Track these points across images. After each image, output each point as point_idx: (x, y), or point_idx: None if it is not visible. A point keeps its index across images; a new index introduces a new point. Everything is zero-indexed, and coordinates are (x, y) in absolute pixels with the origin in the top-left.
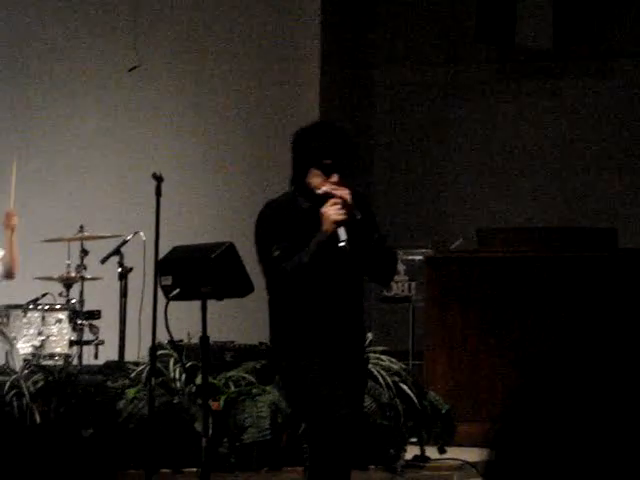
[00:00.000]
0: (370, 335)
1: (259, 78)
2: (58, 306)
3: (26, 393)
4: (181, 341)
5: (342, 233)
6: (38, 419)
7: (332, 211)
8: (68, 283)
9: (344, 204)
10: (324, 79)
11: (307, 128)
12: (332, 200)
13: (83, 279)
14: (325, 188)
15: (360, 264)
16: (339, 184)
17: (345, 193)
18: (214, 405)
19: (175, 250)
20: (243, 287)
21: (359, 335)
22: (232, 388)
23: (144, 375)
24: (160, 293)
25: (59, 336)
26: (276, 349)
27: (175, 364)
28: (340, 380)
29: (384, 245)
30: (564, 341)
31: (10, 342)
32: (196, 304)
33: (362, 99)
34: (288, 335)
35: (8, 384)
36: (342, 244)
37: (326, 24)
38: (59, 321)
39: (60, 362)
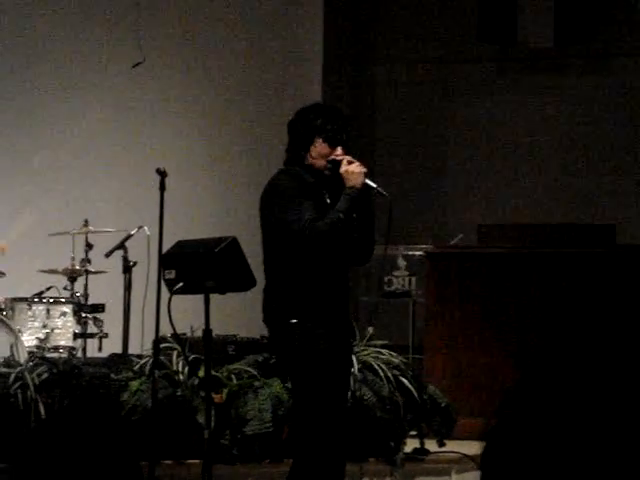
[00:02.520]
0: (371, 329)
1: (261, 75)
2: (63, 299)
3: (31, 385)
4: (184, 334)
5: (371, 182)
6: (42, 411)
7: (355, 166)
8: (73, 277)
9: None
10: (326, 77)
11: (310, 106)
12: (346, 159)
13: (87, 273)
14: (334, 156)
15: (363, 236)
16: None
17: (355, 160)
18: (216, 398)
19: (179, 244)
20: (246, 281)
21: (347, 316)
22: (234, 381)
23: (147, 368)
24: (164, 287)
25: (63, 329)
26: (280, 324)
27: (178, 357)
28: (340, 362)
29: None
30: (562, 337)
31: (15, 335)
32: (199, 298)
33: (363, 96)
34: (294, 308)
35: (13, 376)
36: (379, 190)
37: (328, 22)
38: (64, 314)
39: (64, 355)
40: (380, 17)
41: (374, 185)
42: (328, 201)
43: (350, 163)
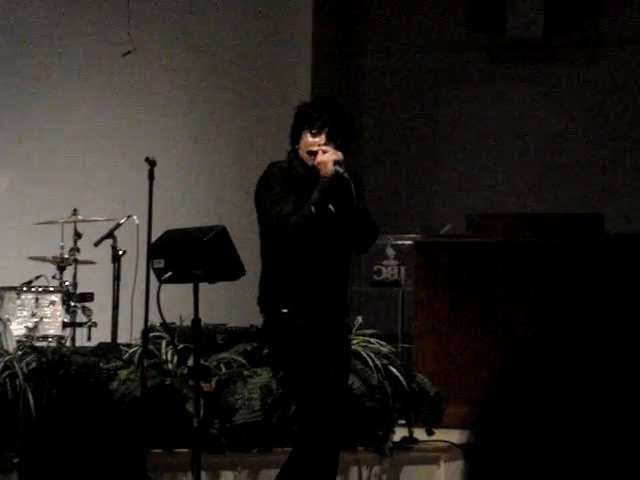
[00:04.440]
0: (360, 319)
1: (251, 65)
2: (52, 288)
3: (19, 374)
4: (173, 323)
5: (339, 168)
6: (31, 400)
7: (326, 155)
8: (62, 266)
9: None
10: (316, 66)
11: (312, 100)
12: (321, 150)
13: (76, 262)
14: (314, 148)
15: (348, 227)
16: (326, 144)
17: (330, 149)
18: (205, 387)
19: (167, 233)
20: (235, 270)
21: (345, 310)
22: (223, 370)
23: (136, 357)
24: (152, 276)
25: (52, 318)
26: (271, 314)
27: (167, 346)
28: (330, 354)
29: (367, 215)
30: (550, 326)
31: (4, 323)
32: (188, 287)
33: (353, 86)
34: (284, 299)
35: (2, 365)
36: (342, 174)
37: (317, 11)
38: (52, 303)
39: (53, 344)
40: (369, 6)
41: (341, 170)
42: None
43: (325, 151)
